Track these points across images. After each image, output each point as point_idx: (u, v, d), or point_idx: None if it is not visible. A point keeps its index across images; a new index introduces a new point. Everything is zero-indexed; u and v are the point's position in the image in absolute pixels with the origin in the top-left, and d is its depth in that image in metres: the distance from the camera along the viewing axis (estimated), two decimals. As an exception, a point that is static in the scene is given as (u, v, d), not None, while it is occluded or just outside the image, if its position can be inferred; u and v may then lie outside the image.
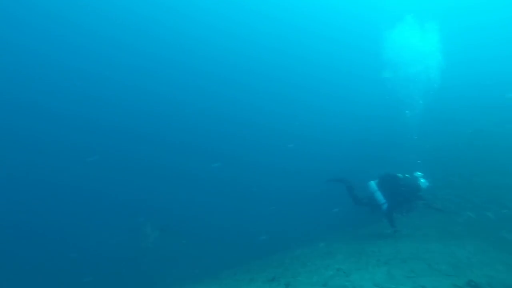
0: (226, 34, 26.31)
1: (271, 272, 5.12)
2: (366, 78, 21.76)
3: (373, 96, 18.96)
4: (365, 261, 4.70)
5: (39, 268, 10.14)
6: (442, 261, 4.44)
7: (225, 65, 25.63)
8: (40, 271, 9.91)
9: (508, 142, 9.79)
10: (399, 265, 4.35)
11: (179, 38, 24.96)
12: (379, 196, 6.79)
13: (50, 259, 10.36)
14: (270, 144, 18.58)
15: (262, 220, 10.75)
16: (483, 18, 25.78)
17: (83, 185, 15.21)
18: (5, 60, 18.82)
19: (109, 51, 22.40)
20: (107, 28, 22.61)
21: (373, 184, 6.98)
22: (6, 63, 18.79)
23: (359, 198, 7.32)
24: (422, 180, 6.57)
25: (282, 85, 24.77)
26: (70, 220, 13.13)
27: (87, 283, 8.74)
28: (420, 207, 6.78)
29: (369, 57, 19.71)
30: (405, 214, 6.75)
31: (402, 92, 11.52)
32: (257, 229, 10.00)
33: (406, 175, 6.81)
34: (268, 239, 8.44)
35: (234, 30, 26.67)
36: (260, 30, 27.48)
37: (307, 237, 8.33)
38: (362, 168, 9.23)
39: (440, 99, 12.30)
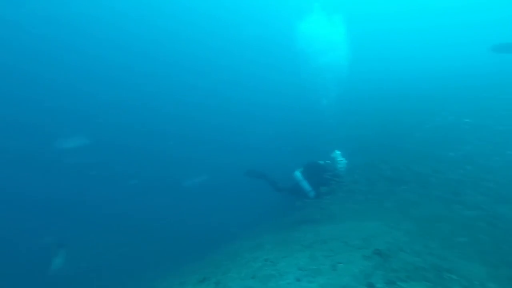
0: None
1: (202, 272, 5.05)
2: (279, 70, 22.79)
3: (288, 88, 19.89)
4: (290, 248, 4.96)
5: None
6: (355, 237, 4.96)
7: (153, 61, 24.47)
8: None
9: (405, 130, 11.49)
10: (320, 247, 4.71)
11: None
12: (306, 185, 7.30)
13: None
14: (186, 137, 17.92)
15: (191, 220, 10.49)
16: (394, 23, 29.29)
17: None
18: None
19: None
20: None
21: (298, 173, 7.46)
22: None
23: (286, 189, 7.73)
24: (340, 159, 7.24)
25: (203, 80, 24.45)
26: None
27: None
28: (337, 189, 7.48)
29: (282, 48, 20.65)
30: (328, 197, 7.37)
31: (316, 82, 12.30)
32: (188, 230, 9.76)
33: (327, 161, 7.45)
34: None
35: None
36: (182, 25, 26.70)
37: (237, 232, 8.44)
38: (285, 159, 9.69)
39: (351, 89, 13.54)
